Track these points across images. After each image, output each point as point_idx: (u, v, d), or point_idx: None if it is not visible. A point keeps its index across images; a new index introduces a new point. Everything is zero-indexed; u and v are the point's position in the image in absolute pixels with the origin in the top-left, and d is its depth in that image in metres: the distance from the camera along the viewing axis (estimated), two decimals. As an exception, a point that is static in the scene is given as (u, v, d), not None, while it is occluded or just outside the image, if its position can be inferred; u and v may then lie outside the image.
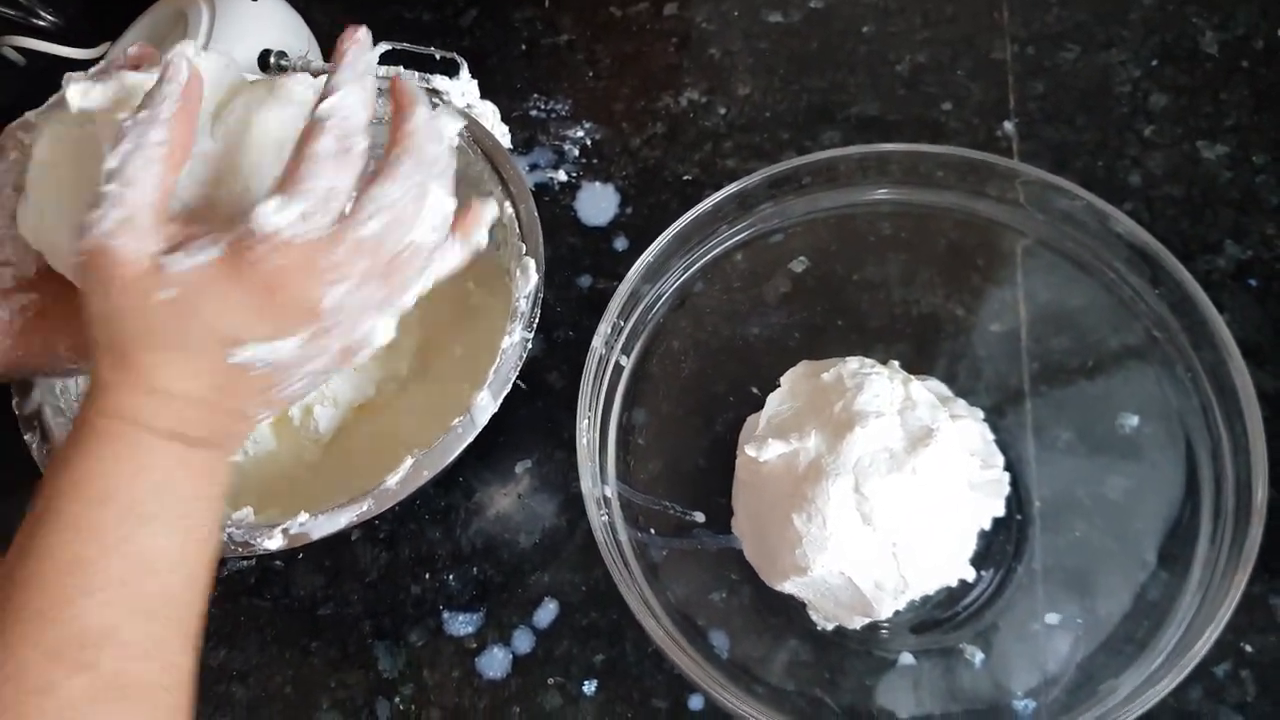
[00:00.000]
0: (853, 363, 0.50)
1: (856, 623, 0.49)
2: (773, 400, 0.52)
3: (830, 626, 0.50)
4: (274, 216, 0.34)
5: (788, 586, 0.49)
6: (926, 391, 0.49)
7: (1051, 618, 0.49)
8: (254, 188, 0.38)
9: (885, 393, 0.49)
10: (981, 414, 0.52)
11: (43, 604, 0.33)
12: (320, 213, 0.35)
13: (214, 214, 0.38)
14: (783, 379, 0.53)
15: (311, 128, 0.35)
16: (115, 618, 0.34)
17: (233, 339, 0.36)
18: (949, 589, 0.49)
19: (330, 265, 0.35)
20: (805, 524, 0.47)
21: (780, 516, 0.48)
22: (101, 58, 0.68)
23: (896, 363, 0.53)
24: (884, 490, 0.46)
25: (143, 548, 0.35)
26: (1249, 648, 0.49)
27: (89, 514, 0.34)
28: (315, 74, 0.59)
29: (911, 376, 0.50)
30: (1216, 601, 0.42)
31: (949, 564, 0.49)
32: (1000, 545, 0.51)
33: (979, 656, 0.49)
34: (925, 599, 0.50)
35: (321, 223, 0.35)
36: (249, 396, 0.38)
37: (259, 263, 0.34)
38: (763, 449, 0.49)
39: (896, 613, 0.49)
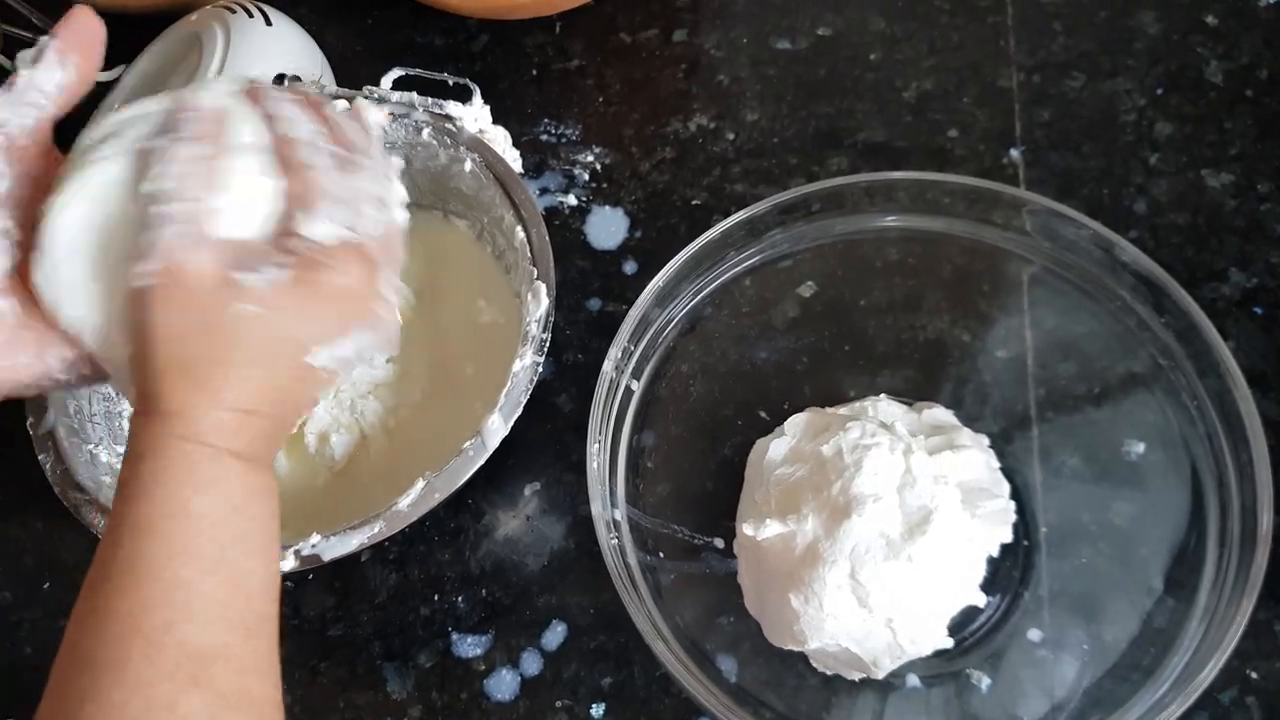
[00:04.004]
0: (854, 431, 0.50)
1: (855, 676, 0.50)
2: (776, 451, 0.52)
3: (830, 674, 0.50)
4: (320, 228, 0.37)
5: (788, 646, 0.50)
6: (929, 461, 0.49)
7: (1058, 644, 0.49)
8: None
9: (885, 468, 0.48)
10: (987, 441, 0.53)
11: (151, 626, 0.34)
12: (360, 218, 0.38)
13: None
14: (786, 426, 0.53)
15: (291, 142, 0.38)
16: (223, 636, 0.35)
17: (309, 346, 0.38)
18: (958, 614, 0.50)
19: (372, 260, 0.38)
20: (803, 605, 0.47)
21: (778, 592, 0.49)
22: (116, 80, 0.69)
23: (901, 425, 0.52)
24: (880, 577, 0.47)
25: (236, 569, 0.36)
26: (1255, 674, 0.49)
27: (184, 536, 0.35)
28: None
29: (914, 447, 0.49)
30: (1222, 628, 0.42)
31: (958, 596, 0.49)
32: (1007, 571, 0.51)
33: (986, 682, 0.49)
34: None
35: (352, 223, 0.38)
36: (305, 400, 0.40)
37: (329, 274, 0.37)
38: (760, 529, 0.49)
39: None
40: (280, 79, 0.64)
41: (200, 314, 0.36)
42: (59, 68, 0.39)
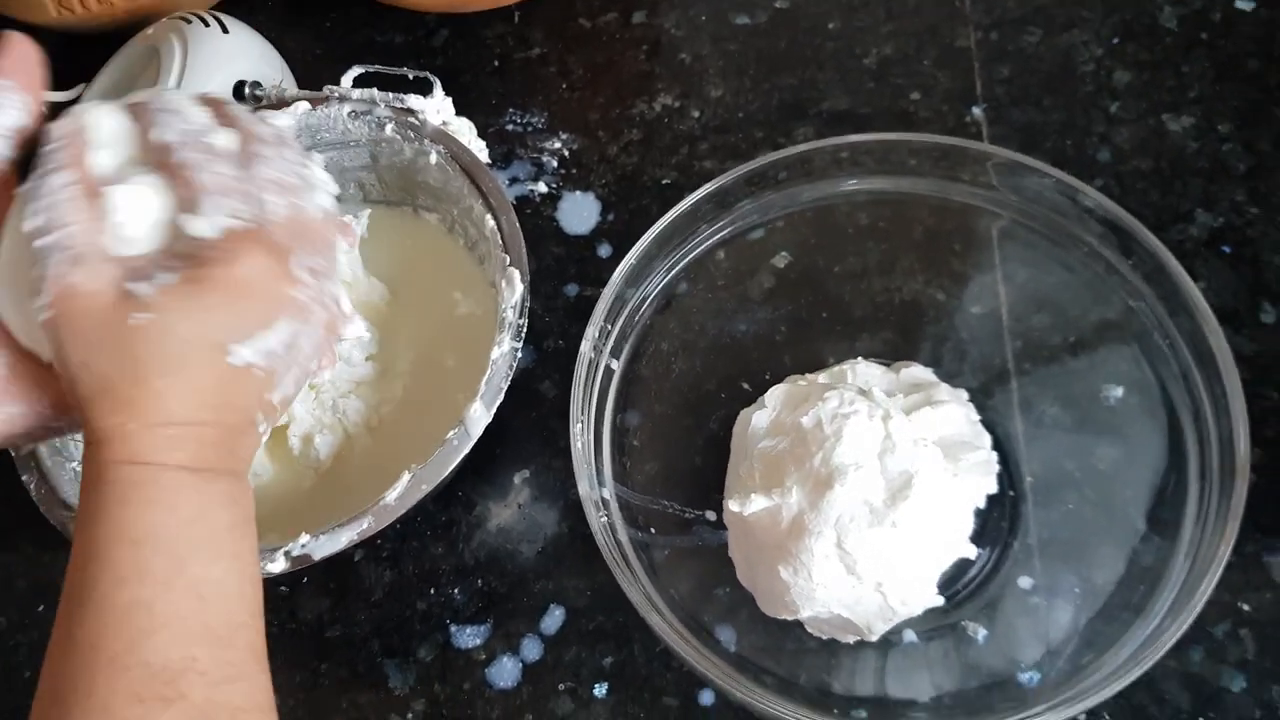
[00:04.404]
0: (832, 400, 0.50)
1: (850, 640, 0.50)
2: (758, 424, 0.53)
3: (825, 638, 0.51)
4: (204, 224, 0.36)
5: (782, 616, 0.50)
6: (908, 425, 0.49)
7: (1050, 590, 0.50)
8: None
9: (865, 436, 0.49)
10: (966, 395, 0.53)
11: (112, 651, 0.33)
12: (239, 205, 0.37)
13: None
14: (766, 397, 0.54)
15: (165, 147, 0.37)
16: (187, 649, 0.34)
17: (223, 344, 0.36)
18: (950, 568, 0.50)
19: (274, 245, 0.37)
20: (792, 576, 0.48)
21: (768, 565, 0.49)
22: (77, 99, 0.69)
23: (880, 389, 0.52)
24: (866, 544, 0.47)
25: (193, 581, 0.35)
26: (1246, 606, 0.50)
27: (134, 557, 0.34)
28: (289, 102, 0.60)
29: (892, 412, 0.50)
30: (1208, 559, 0.43)
31: (947, 551, 0.50)
32: (995, 522, 0.52)
33: (982, 633, 0.49)
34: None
35: (244, 212, 0.37)
36: (250, 402, 0.38)
37: (220, 269, 0.36)
38: (746, 504, 0.50)
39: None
40: (240, 86, 0.64)
41: (102, 332, 0.35)
42: (12, 109, 0.38)
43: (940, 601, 0.49)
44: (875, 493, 0.48)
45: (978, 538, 0.51)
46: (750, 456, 0.52)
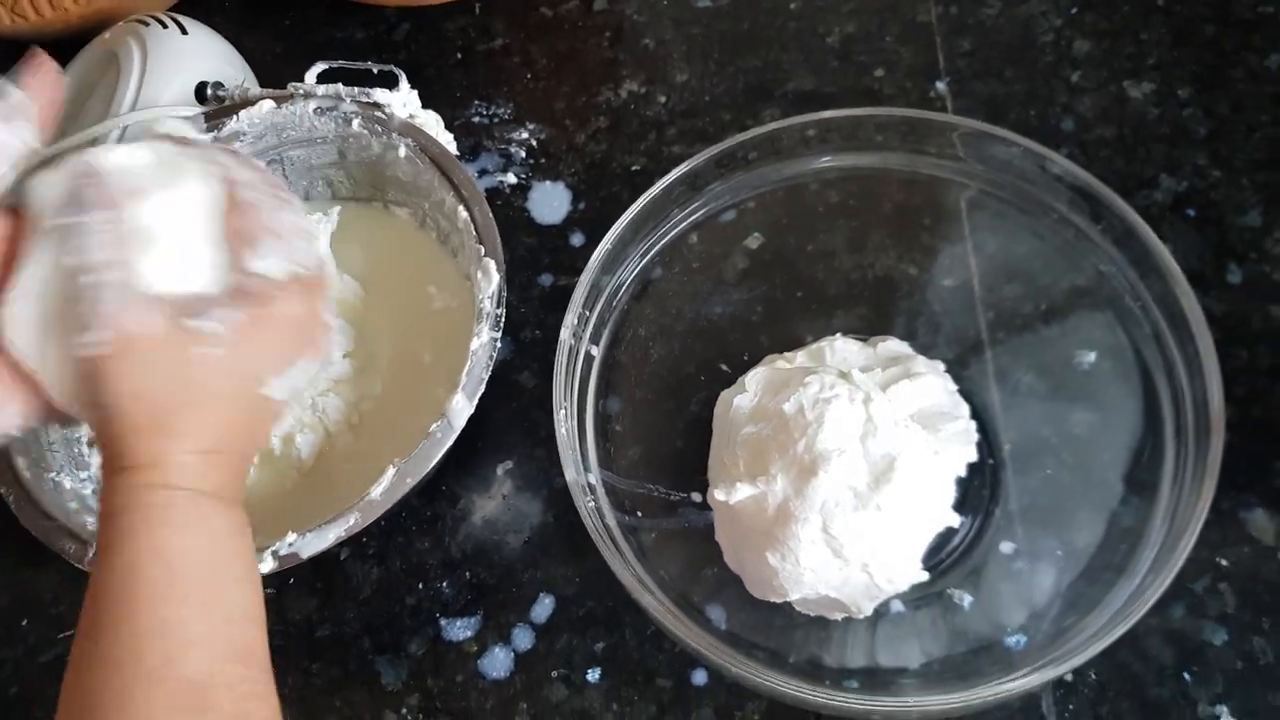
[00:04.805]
0: (813, 385, 0.50)
1: (838, 617, 0.50)
2: (739, 408, 0.53)
3: (813, 615, 0.51)
4: (271, 264, 0.39)
5: (770, 599, 0.50)
6: (889, 406, 0.50)
7: (1032, 554, 0.50)
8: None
9: (846, 419, 0.49)
10: (942, 366, 0.54)
11: (149, 665, 0.35)
12: (296, 251, 0.40)
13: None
14: (747, 381, 0.54)
15: (239, 184, 0.40)
16: (217, 666, 0.36)
17: (261, 378, 0.39)
18: (934, 538, 0.51)
19: (317, 291, 0.41)
20: (780, 562, 0.48)
21: (755, 551, 0.50)
22: (35, 108, 0.68)
23: (858, 369, 0.53)
24: (851, 527, 0.47)
25: (223, 602, 0.38)
26: (1224, 561, 0.51)
27: (169, 578, 0.36)
28: (253, 101, 0.60)
29: (873, 395, 0.50)
30: (1186, 517, 0.43)
31: (934, 519, 0.50)
32: (976, 491, 0.52)
33: (968, 599, 0.50)
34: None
35: (308, 260, 0.40)
36: (262, 432, 0.41)
37: (281, 307, 0.39)
38: (732, 493, 0.50)
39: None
40: (202, 87, 0.63)
41: (162, 369, 0.37)
42: (24, 131, 0.39)
43: (925, 577, 0.50)
44: (859, 477, 0.48)
45: (959, 506, 0.51)
46: (733, 443, 0.52)
